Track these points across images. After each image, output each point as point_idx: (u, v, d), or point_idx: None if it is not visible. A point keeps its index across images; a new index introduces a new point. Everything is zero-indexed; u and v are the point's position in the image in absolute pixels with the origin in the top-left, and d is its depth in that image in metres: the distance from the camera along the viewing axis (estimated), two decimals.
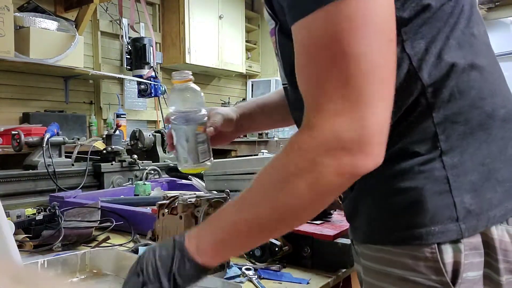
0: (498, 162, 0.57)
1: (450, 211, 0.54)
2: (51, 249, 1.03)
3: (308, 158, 0.49)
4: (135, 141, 2.34)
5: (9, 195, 1.63)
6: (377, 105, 0.47)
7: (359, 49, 0.46)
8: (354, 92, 0.47)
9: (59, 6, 3.26)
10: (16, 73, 3.04)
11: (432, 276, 0.54)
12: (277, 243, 0.93)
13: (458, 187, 0.55)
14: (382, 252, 0.58)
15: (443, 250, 0.54)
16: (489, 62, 0.60)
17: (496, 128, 0.58)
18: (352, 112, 0.47)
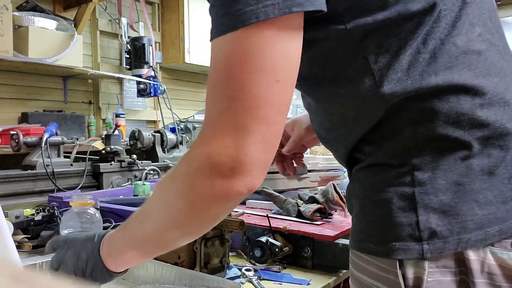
0: (481, 182, 0.52)
1: (412, 230, 0.52)
2: None
3: (189, 177, 0.52)
4: (134, 141, 2.33)
5: (7, 195, 1.62)
6: (253, 138, 0.48)
7: (245, 82, 0.48)
8: (233, 120, 0.48)
9: (58, 5, 3.25)
10: (15, 73, 3.03)
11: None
12: (277, 244, 0.92)
13: (425, 205, 0.52)
14: (357, 258, 0.59)
15: (404, 265, 0.53)
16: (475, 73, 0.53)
17: (479, 144, 0.53)
18: (230, 137, 0.48)
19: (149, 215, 0.59)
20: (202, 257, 0.82)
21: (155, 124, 4.09)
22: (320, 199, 1.09)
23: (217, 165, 0.49)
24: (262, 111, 0.48)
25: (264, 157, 0.49)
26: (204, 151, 0.50)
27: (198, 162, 0.51)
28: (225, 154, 0.48)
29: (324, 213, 1.09)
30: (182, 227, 0.55)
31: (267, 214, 1.05)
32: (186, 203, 0.52)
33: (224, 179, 0.49)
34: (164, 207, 0.56)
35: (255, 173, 0.49)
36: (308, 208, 1.06)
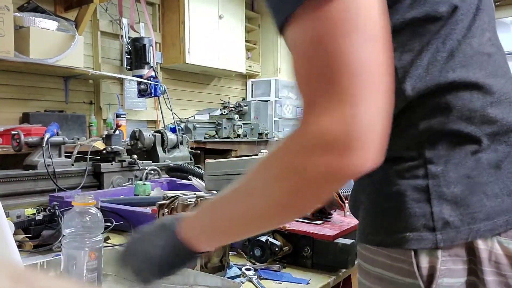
0: (488, 176, 0.55)
1: (426, 220, 0.54)
2: (51, 249, 1.03)
3: (293, 158, 0.48)
4: (135, 141, 2.34)
5: (9, 195, 1.62)
6: (365, 104, 0.45)
7: (344, 49, 0.45)
8: (343, 92, 0.45)
9: (59, 6, 3.26)
10: (16, 73, 3.04)
11: (406, 279, 0.55)
12: (277, 243, 0.93)
13: (438, 197, 0.54)
14: (367, 251, 0.60)
15: (419, 255, 0.54)
16: (486, 73, 0.57)
17: (487, 140, 0.56)
18: (338, 111, 0.45)
19: (244, 195, 0.56)
20: (202, 257, 0.83)
21: (156, 124, 4.10)
22: None
23: (330, 142, 0.45)
24: (366, 76, 0.45)
25: (378, 127, 0.46)
26: (314, 128, 0.46)
27: (307, 141, 0.47)
28: (340, 126, 0.44)
29: (323, 213, 1.09)
30: (284, 208, 0.52)
31: None
32: (292, 184, 0.49)
33: (339, 156, 0.45)
34: (265, 188, 0.52)
35: (372, 146, 0.46)
36: None
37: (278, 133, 4.67)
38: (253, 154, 3.70)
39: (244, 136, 4.09)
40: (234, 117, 4.03)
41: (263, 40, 5.37)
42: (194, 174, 1.74)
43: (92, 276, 0.74)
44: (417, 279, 0.54)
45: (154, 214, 1.09)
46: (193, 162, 2.56)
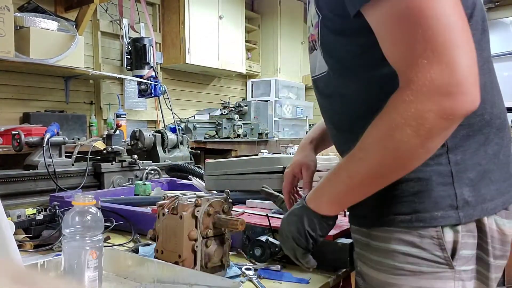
0: (492, 164, 0.68)
1: (451, 201, 0.65)
2: (51, 249, 1.03)
3: (411, 107, 0.55)
4: (135, 141, 2.34)
5: (9, 195, 1.63)
6: (462, 51, 0.54)
7: (436, 11, 0.54)
8: (440, 44, 0.53)
9: (59, 6, 3.26)
10: (16, 73, 3.04)
11: (435, 252, 0.65)
12: (277, 243, 0.93)
13: (459, 181, 0.65)
14: (388, 233, 0.67)
15: (444, 231, 0.65)
16: (490, 78, 0.70)
17: (492, 134, 0.68)
18: (441, 61, 0.53)
19: (360, 155, 0.62)
20: (203, 257, 0.83)
21: (156, 124, 4.10)
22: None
23: (440, 86, 0.53)
24: (458, 32, 0.54)
25: (475, 71, 0.55)
26: (424, 78, 0.54)
27: (419, 88, 0.54)
28: (445, 74, 0.53)
29: None
30: (404, 156, 0.58)
31: (267, 214, 1.05)
32: (411, 131, 0.55)
33: (452, 98, 0.53)
34: (383, 142, 0.58)
35: (473, 87, 0.54)
36: None
37: (278, 133, 4.67)
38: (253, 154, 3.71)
39: (244, 136, 4.09)
40: (234, 117, 4.03)
41: (263, 40, 5.37)
42: (194, 174, 1.74)
43: (92, 276, 0.74)
44: (445, 251, 0.64)
45: (154, 214, 1.09)
46: (193, 162, 2.56)
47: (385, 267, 0.69)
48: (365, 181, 0.63)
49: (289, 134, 4.94)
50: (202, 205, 0.83)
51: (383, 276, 0.69)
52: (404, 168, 0.61)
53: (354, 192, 0.66)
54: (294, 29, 5.54)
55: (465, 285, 0.66)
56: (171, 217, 0.83)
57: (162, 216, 0.86)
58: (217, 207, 0.85)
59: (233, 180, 1.42)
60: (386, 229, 0.68)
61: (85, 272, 0.73)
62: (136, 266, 0.83)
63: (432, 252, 0.65)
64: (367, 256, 0.72)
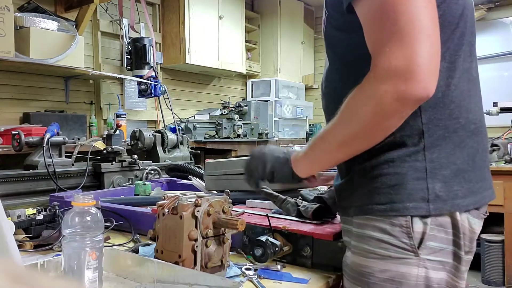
0: (467, 165, 0.74)
1: (423, 194, 0.71)
2: (51, 249, 1.03)
3: (372, 88, 0.65)
4: (135, 141, 2.34)
5: (9, 195, 1.62)
6: (423, 44, 0.62)
7: (405, 7, 0.63)
8: (404, 35, 0.62)
9: (59, 6, 3.26)
10: (17, 73, 3.04)
11: (403, 239, 0.72)
12: (277, 243, 0.93)
13: (432, 176, 0.72)
14: (367, 220, 0.75)
15: (414, 221, 0.71)
16: (468, 87, 0.77)
17: (467, 137, 0.75)
18: (403, 49, 0.62)
19: (337, 124, 0.72)
20: (203, 257, 0.83)
21: (156, 124, 4.10)
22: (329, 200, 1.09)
23: (397, 71, 0.62)
24: (421, 27, 0.63)
25: (434, 63, 0.64)
26: (385, 63, 0.63)
27: (380, 72, 0.64)
28: (403, 61, 0.62)
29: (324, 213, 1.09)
30: (372, 127, 0.68)
31: (267, 214, 1.05)
32: (370, 109, 0.65)
33: (407, 82, 0.62)
34: (354, 113, 0.69)
35: (429, 77, 0.63)
36: (308, 208, 1.06)
37: (278, 133, 4.67)
38: None
39: (244, 136, 4.10)
40: (234, 117, 4.03)
41: (263, 40, 5.36)
42: (194, 174, 1.74)
43: (92, 276, 0.74)
44: (411, 240, 0.71)
45: (154, 214, 1.09)
46: (193, 162, 2.56)
47: (360, 251, 0.76)
48: (335, 149, 0.75)
49: (289, 134, 4.94)
50: (202, 205, 0.83)
51: (358, 259, 0.76)
52: (367, 142, 0.71)
53: (326, 157, 0.78)
54: (294, 29, 5.54)
55: (428, 273, 0.72)
56: (171, 217, 0.83)
57: (162, 216, 0.86)
58: (217, 207, 0.85)
59: (233, 180, 1.42)
60: (365, 217, 0.75)
61: (85, 273, 0.73)
62: (136, 266, 0.83)
63: (400, 240, 0.72)
64: (348, 241, 0.80)
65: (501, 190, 2.97)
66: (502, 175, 2.97)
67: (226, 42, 4.49)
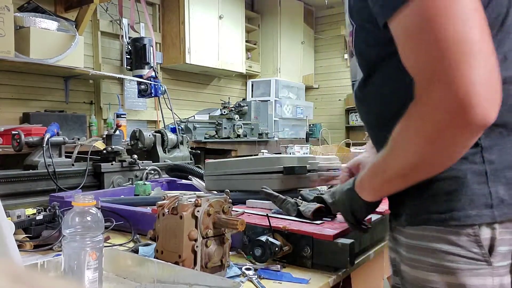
0: None
1: (486, 199, 0.65)
2: (51, 249, 1.03)
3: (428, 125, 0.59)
4: (135, 141, 2.34)
5: (9, 195, 1.62)
6: (475, 66, 0.54)
7: (448, 21, 0.56)
8: (452, 60, 0.55)
9: (59, 6, 3.26)
10: (16, 73, 3.04)
11: (473, 249, 0.65)
12: (277, 243, 0.93)
13: (494, 180, 0.66)
14: (424, 230, 0.69)
15: (480, 228, 0.65)
16: None
17: None
18: (453, 79, 0.55)
19: (393, 155, 0.67)
20: (203, 257, 0.83)
21: (156, 124, 4.10)
22: (329, 200, 1.09)
23: (451, 106, 0.55)
24: (472, 39, 0.55)
25: (490, 84, 0.55)
26: (437, 94, 0.57)
27: (438, 110, 0.57)
28: (456, 94, 0.55)
29: (323, 213, 1.09)
30: (428, 160, 0.63)
31: (267, 214, 1.05)
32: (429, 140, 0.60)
33: (461, 116, 0.55)
34: (408, 144, 0.63)
35: (487, 103, 0.55)
36: (308, 208, 1.06)
37: (278, 133, 4.67)
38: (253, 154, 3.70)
39: (244, 136, 4.09)
40: (234, 117, 4.03)
41: (263, 40, 5.36)
42: (194, 174, 1.74)
43: (92, 276, 0.74)
44: (482, 248, 0.65)
45: (154, 214, 1.09)
46: (193, 162, 2.56)
47: (423, 265, 0.70)
48: (395, 179, 0.69)
49: (289, 134, 4.94)
50: (202, 205, 0.83)
51: (421, 274, 0.70)
52: (429, 175, 0.66)
53: (387, 185, 0.72)
54: (294, 29, 5.54)
55: (502, 280, 0.67)
56: (171, 217, 0.83)
57: (162, 216, 0.86)
58: (217, 207, 0.85)
59: (233, 180, 1.42)
60: (422, 227, 0.69)
61: (85, 273, 0.73)
62: (136, 266, 0.83)
63: (469, 249, 0.66)
64: (403, 254, 0.74)
65: None
66: None
67: (226, 42, 4.49)
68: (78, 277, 0.73)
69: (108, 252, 0.87)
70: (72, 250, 0.74)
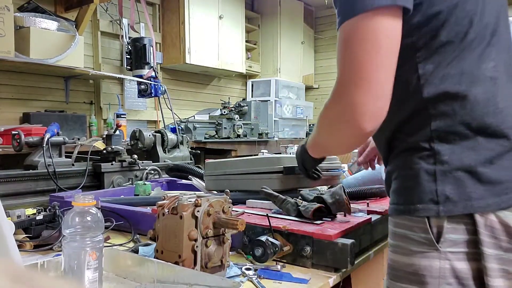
0: (483, 167, 0.74)
1: (432, 196, 0.74)
2: (51, 249, 1.03)
3: (335, 118, 0.77)
4: (135, 141, 2.34)
5: (9, 195, 1.62)
6: (372, 92, 0.70)
7: (359, 53, 0.70)
8: (351, 87, 0.71)
9: (59, 6, 3.26)
10: (16, 73, 3.04)
11: (422, 235, 0.76)
12: (277, 243, 0.93)
13: (443, 179, 0.74)
14: (397, 219, 0.81)
15: (430, 219, 0.75)
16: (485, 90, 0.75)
17: (483, 140, 0.75)
18: (357, 93, 0.71)
19: (314, 131, 0.90)
20: (203, 257, 0.83)
21: (156, 124, 4.10)
22: (329, 199, 1.09)
23: (355, 111, 0.71)
24: (367, 75, 0.70)
25: (380, 104, 0.71)
26: (337, 102, 0.75)
27: (340, 110, 0.74)
28: (359, 103, 0.70)
29: (324, 213, 1.09)
30: (329, 142, 0.88)
31: (267, 214, 1.05)
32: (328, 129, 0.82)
33: (347, 121, 0.73)
34: (319, 127, 0.86)
35: (375, 114, 0.72)
36: (308, 208, 1.06)
37: (278, 133, 4.67)
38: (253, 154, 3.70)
39: (244, 136, 4.09)
40: (234, 117, 4.03)
41: (263, 40, 5.36)
42: (194, 174, 1.74)
43: (92, 276, 0.74)
44: (429, 235, 0.75)
45: (154, 214, 1.09)
46: (193, 162, 2.56)
47: (396, 248, 0.81)
48: (318, 147, 0.99)
49: (289, 134, 4.94)
50: (202, 205, 0.83)
51: (393, 256, 0.83)
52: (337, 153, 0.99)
53: (317, 149, 1.02)
54: (294, 29, 5.54)
55: (453, 264, 0.74)
56: (171, 217, 0.83)
57: (162, 216, 0.86)
58: (217, 207, 0.85)
59: (233, 180, 1.42)
60: (393, 216, 0.82)
61: (85, 273, 0.73)
62: (136, 266, 0.83)
63: (420, 235, 0.76)
64: (389, 242, 0.85)
65: None
66: None
67: (226, 42, 4.49)
68: (78, 277, 0.73)
69: (108, 252, 0.87)
70: (72, 250, 0.74)
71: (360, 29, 0.70)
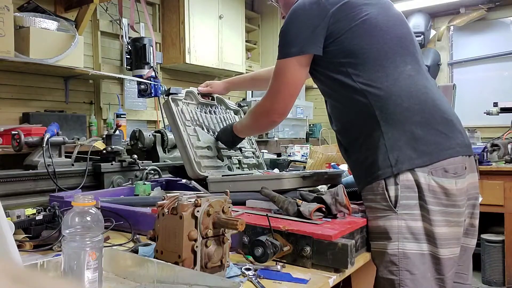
0: (417, 135, 1.05)
1: (387, 162, 1.05)
2: (51, 249, 1.03)
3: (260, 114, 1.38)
4: (135, 141, 2.34)
5: (9, 195, 1.62)
6: (280, 104, 1.27)
7: (279, 85, 1.24)
8: (274, 95, 1.26)
9: (59, 6, 3.26)
10: (16, 73, 3.04)
11: (383, 202, 1.05)
12: (277, 243, 0.93)
13: (391, 149, 1.05)
14: (367, 191, 1.10)
15: (388, 188, 1.05)
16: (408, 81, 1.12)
17: (412, 115, 1.07)
18: (273, 102, 1.28)
19: (244, 119, 1.51)
20: (203, 257, 0.82)
21: (156, 124, 4.10)
22: (328, 200, 1.09)
23: (270, 111, 1.30)
24: (284, 95, 1.25)
25: (283, 109, 1.28)
26: (267, 105, 1.30)
27: (264, 109, 1.32)
28: (274, 108, 1.28)
29: (323, 213, 1.09)
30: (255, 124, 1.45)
31: (267, 214, 1.05)
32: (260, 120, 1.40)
33: (269, 115, 1.31)
34: (250, 118, 1.46)
35: (278, 115, 1.30)
36: (308, 208, 1.06)
37: (278, 133, 4.67)
38: None
39: None
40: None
41: (263, 40, 5.36)
42: None
43: (92, 277, 0.74)
44: (388, 201, 1.04)
45: (154, 214, 1.09)
46: None
47: (369, 215, 1.09)
48: (247, 128, 1.52)
49: (289, 134, 4.94)
50: (202, 205, 0.83)
51: (368, 223, 1.09)
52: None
53: (245, 130, 1.53)
54: None
55: (408, 223, 1.02)
56: (171, 217, 0.83)
57: (162, 216, 0.86)
58: (217, 207, 0.85)
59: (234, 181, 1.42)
60: (366, 188, 1.10)
61: (84, 273, 0.73)
62: (136, 266, 0.83)
63: (382, 203, 1.05)
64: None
65: (501, 190, 2.97)
66: (502, 175, 2.97)
67: (226, 42, 4.49)
68: (78, 277, 0.73)
69: (108, 252, 0.87)
70: (72, 250, 0.73)
71: (279, 68, 1.20)
